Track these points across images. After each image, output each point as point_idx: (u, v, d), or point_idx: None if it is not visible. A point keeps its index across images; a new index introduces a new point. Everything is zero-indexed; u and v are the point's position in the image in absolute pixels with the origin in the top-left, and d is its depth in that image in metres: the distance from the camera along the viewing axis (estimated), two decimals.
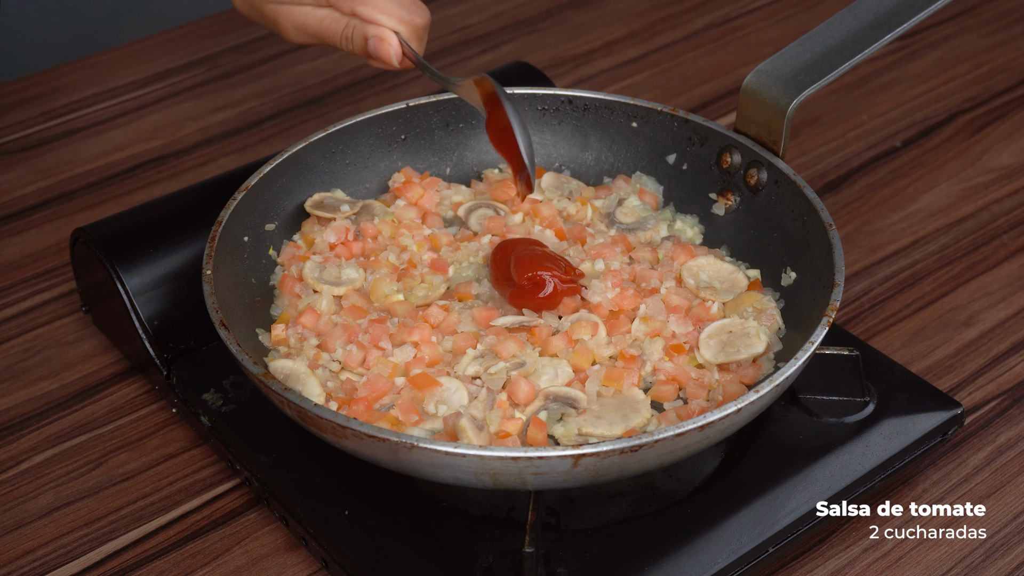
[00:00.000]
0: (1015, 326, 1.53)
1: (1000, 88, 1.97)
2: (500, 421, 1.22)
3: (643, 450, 1.10)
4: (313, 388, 1.26)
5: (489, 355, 1.29)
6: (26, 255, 1.67)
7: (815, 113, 1.92)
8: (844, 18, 1.42)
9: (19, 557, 1.28)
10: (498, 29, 2.14)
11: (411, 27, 1.40)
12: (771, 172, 1.42)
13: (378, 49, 1.38)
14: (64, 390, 1.46)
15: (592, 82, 2.01)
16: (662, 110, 1.51)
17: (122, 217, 1.48)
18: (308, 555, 1.27)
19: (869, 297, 1.58)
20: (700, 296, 1.37)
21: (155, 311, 1.40)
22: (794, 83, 1.38)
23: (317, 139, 1.48)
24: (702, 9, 2.20)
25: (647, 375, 1.30)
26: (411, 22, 1.39)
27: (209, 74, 2.02)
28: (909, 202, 1.74)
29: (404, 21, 1.39)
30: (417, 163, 1.55)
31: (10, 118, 1.93)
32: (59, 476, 1.36)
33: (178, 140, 1.88)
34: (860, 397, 1.32)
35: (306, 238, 1.45)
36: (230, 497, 1.34)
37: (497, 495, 1.24)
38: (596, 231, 1.47)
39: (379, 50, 1.38)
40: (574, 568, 1.17)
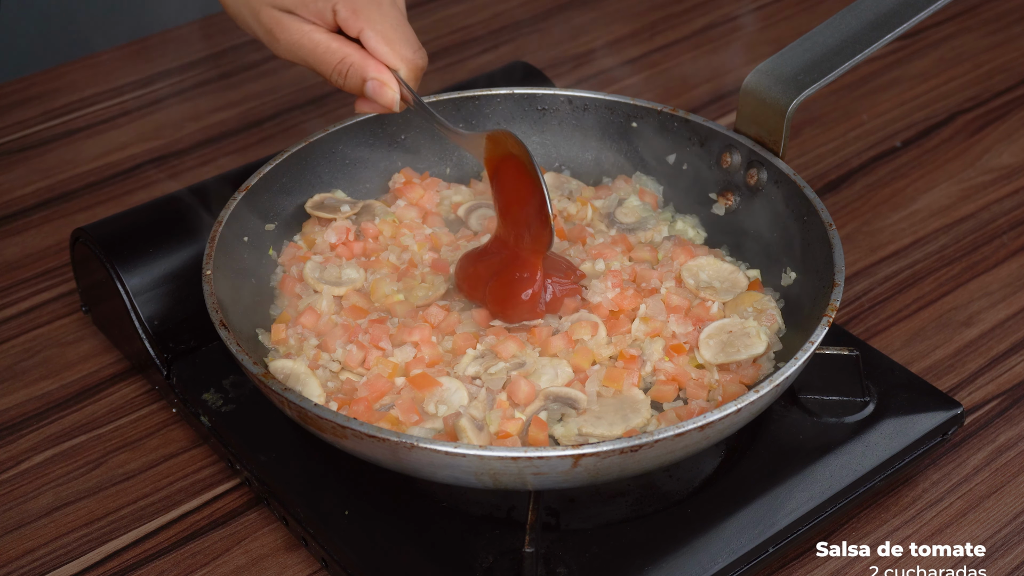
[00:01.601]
0: (1015, 326, 1.53)
1: (1000, 88, 1.97)
2: (500, 421, 1.22)
3: (643, 450, 1.10)
4: (313, 388, 1.26)
5: (489, 355, 1.29)
6: (26, 255, 1.67)
7: (815, 113, 1.92)
8: (844, 18, 1.42)
9: (19, 557, 1.28)
10: (498, 29, 2.14)
11: (413, 67, 1.31)
12: (771, 172, 1.42)
13: (379, 93, 1.29)
14: (64, 390, 1.46)
15: (592, 82, 2.01)
16: (662, 110, 1.51)
17: (122, 217, 1.48)
18: (308, 555, 1.27)
19: (869, 297, 1.58)
20: (700, 296, 1.37)
21: (155, 311, 1.40)
22: (794, 83, 1.38)
23: (317, 139, 1.48)
24: (702, 9, 2.20)
25: (647, 375, 1.30)
26: (413, 62, 1.30)
27: (209, 74, 2.02)
28: (909, 202, 1.74)
29: (407, 60, 1.30)
30: (417, 163, 1.55)
31: (10, 118, 1.92)
32: (59, 476, 1.36)
33: (178, 140, 1.88)
34: (860, 397, 1.32)
35: (307, 239, 1.45)
36: (230, 497, 1.34)
37: (497, 495, 1.24)
38: (596, 231, 1.47)
39: (380, 94, 1.29)
40: (574, 568, 1.17)
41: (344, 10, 1.28)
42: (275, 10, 1.29)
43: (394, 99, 1.30)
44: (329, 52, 1.29)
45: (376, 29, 1.29)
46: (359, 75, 1.29)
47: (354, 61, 1.29)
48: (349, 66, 1.29)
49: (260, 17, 1.31)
